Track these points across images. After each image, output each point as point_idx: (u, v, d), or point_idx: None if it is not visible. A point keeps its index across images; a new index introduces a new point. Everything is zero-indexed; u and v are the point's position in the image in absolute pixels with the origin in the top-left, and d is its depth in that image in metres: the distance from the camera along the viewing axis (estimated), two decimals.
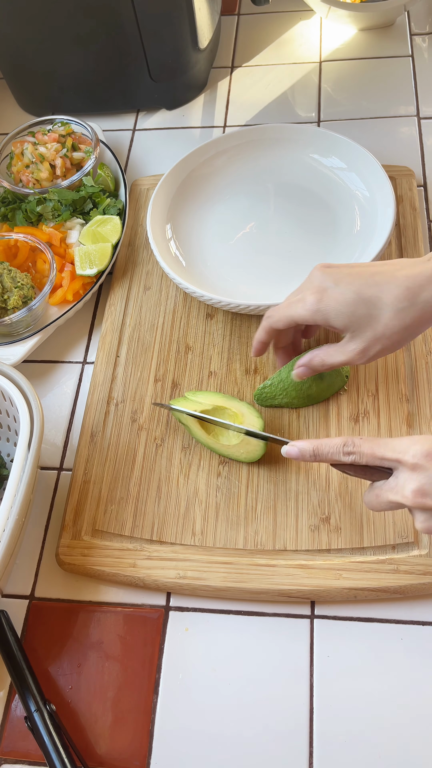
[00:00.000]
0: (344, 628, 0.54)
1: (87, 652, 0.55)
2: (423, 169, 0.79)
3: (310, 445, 0.50)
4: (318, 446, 0.49)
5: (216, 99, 0.91)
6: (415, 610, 0.54)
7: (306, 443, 0.50)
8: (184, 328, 0.70)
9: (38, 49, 0.83)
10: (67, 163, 0.80)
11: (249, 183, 0.78)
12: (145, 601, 0.57)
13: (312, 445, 0.50)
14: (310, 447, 0.50)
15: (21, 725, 0.53)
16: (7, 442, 0.63)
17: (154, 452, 0.62)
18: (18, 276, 0.70)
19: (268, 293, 0.69)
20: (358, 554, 0.55)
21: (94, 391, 0.67)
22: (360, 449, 0.47)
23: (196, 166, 0.78)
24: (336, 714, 0.51)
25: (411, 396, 0.62)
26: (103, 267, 0.72)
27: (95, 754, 0.52)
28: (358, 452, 0.47)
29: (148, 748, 0.51)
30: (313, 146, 0.77)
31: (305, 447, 0.50)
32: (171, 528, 0.58)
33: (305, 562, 0.55)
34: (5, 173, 0.83)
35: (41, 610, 0.58)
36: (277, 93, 0.90)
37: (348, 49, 0.93)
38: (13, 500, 0.50)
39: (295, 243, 0.73)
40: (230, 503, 0.59)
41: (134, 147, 0.89)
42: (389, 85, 0.88)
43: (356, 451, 0.47)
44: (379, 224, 0.69)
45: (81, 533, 0.59)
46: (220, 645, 0.54)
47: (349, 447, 0.48)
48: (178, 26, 0.81)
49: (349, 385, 0.63)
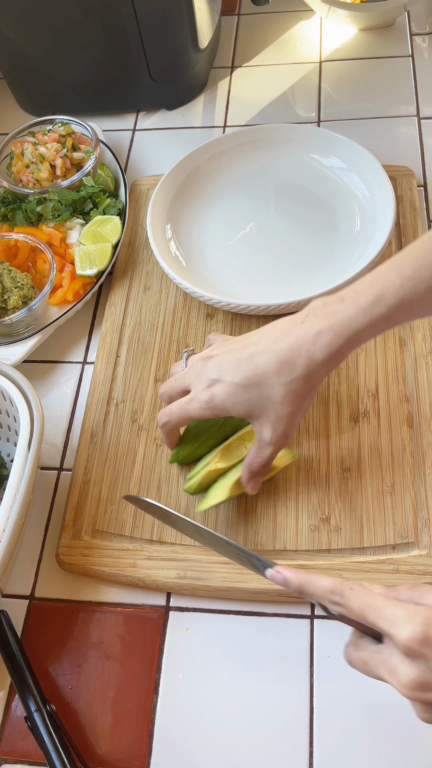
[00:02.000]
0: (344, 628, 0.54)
1: (87, 652, 0.55)
2: (423, 169, 0.79)
3: (296, 579, 0.43)
4: (303, 584, 0.43)
5: (216, 99, 0.91)
6: None
7: (293, 574, 0.43)
8: (184, 328, 0.70)
9: (38, 49, 0.83)
10: (67, 163, 0.80)
11: (249, 183, 0.78)
12: (145, 601, 0.57)
13: (298, 579, 0.43)
14: (296, 581, 0.43)
15: (21, 725, 0.53)
16: (7, 442, 0.63)
17: (154, 452, 0.62)
18: (18, 276, 0.70)
19: (268, 293, 0.69)
20: (358, 554, 0.55)
21: (94, 391, 0.67)
22: (349, 603, 0.41)
23: (196, 166, 0.78)
24: (336, 714, 0.51)
25: (411, 396, 0.62)
26: (103, 267, 0.72)
27: (95, 754, 0.52)
28: (347, 606, 0.41)
29: (148, 748, 0.51)
30: (313, 146, 0.77)
31: (291, 578, 0.43)
32: (171, 528, 0.58)
33: (305, 562, 0.55)
34: (5, 173, 0.83)
35: (41, 610, 0.58)
36: (277, 93, 0.90)
37: (348, 49, 0.93)
38: (13, 500, 0.50)
39: (295, 243, 0.73)
40: (230, 503, 0.59)
41: (134, 147, 0.89)
42: (389, 85, 0.88)
43: (344, 604, 0.41)
44: (379, 224, 0.69)
45: (81, 533, 0.59)
46: (220, 645, 0.54)
47: (336, 597, 0.41)
48: (178, 26, 0.81)
49: (349, 385, 0.63)
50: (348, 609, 0.41)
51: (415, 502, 0.57)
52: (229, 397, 0.50)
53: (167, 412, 0.55)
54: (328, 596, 0.41)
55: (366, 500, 0.57)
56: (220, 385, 0.51)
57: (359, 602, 0.40)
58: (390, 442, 0.60)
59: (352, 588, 0.41)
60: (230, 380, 0.50)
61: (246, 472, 0.55)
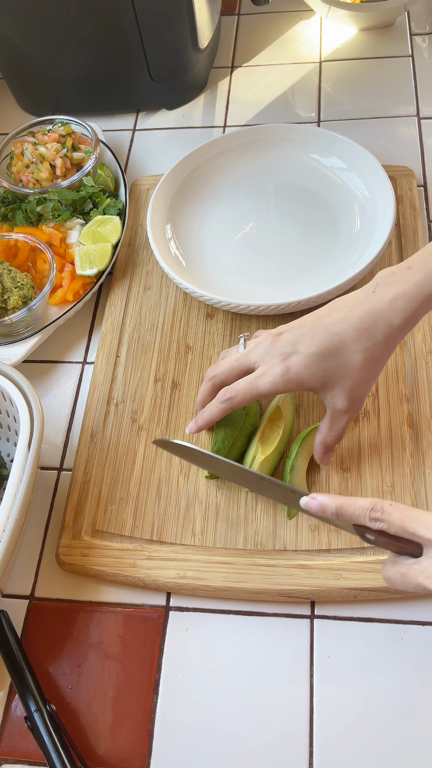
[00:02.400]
0: (344, 628, 0.54)
1: (87, 652, 0.55)
2: (423, 169, 0.79)
3: (333, 502, 0.44)
4: (342, 505, 0.44)
5: (216, 99, 0.91)
6: (415, 610, 0.54)
7: (329, 499, 0.45)
8: (184, 328, 0.70)
9: (38, 49, 0.83)
10: (67, 163, 0.80)
11: (249, 183, 0.78)
12: (145, 601, 0.57)
13: (335, 502, 0.44)
14: (333, 504, 0.44)
15: (21, 725, 0.53)
16: (7, 442, 0.63)
17: (154, 452, 0.62)
18: (18, 276, 0.70)
19: (268, 293, 0.69)
20: (358, 554, 0.55)
21: (94, 391, 0.67)
22: (389, 518, 0.42)
23: (196, 166, 0.78)
24: (336, 714, 0.51)
25: (411, 396, 0.62)
26: (103, 267, 0.72)
27: (95, 754, 0.52)
28: (387, 521, 0.42)
29: (148, 748, 0.51)
30: (313, 146, 0.77)
31: (327, 503, 0.45)
32: (171, 528, 0.58)
33: (305, 562, 0.55)
34: (5, 173, 0.83)
35: (41, 610, 0.58)
36: (277, 93, 0.90)
37: (348, 49, 0.93)
38: (13, 500, 0.50)
39: (295, 243, 0.73)
40: (230, 503, 0.59)
41: (134, 147, 0.89)
42: (389, 85, 0.88)
43: (385, 519, 0.43)
44: (379, 224, 0.69)
45: (81, 533, 0.59)
46: (220, 645, 0.54)
47: (377, 513, 0.43)
48: (178, 26, 0.81)
49: None
50: (389, 522, 0.42)
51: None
52: (305, 368, 0.51)
53: (233, 389, 0.54)
54: (368, 513, 0.43)
55: None
56: (295, 356, 0.51)
57: (399, 515, 0.42)
58: (390, 442, 0.60)
59: (392, 504, 0.43)
60: (306, 351, 0.50)
61: (321, 448, 0.55)
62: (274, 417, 0.60)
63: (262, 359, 0.53)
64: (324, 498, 0.45)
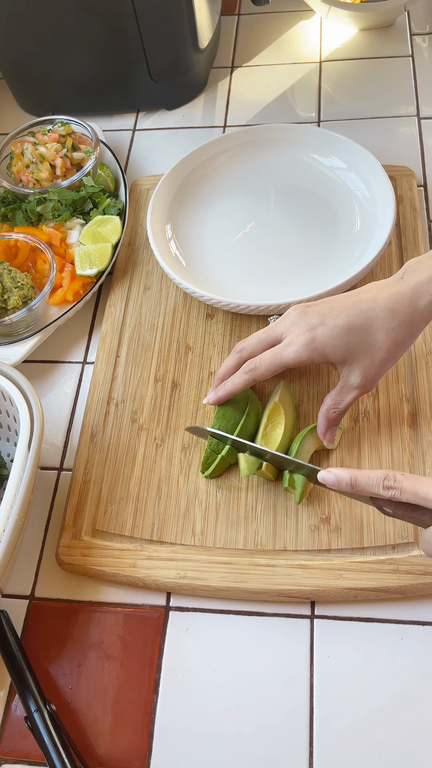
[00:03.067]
0: (344, 628, 0.54)
1: (87, 652, 0.55)
2: (423, 169, 0.79)
3: (347, 474, 0.48)
4: (356, 476, 0.47)
5: (216, 99, 0.91)
6: (415, 610, 0.54)
7: (344, 471, 0.48)
8: (184, 328, 0.70)
9: (38, 49, 0.83)
10: (67, 163, 0.80)
11: (249, 183, 0.78)
12: (145, 601, 0.57)
13: (350, 474, 0.48)
14: (348, 476, 0.48)
15: (21, 725, 0.53)
16: (7, 442, 0.63)
17: (154, 452, 0.62)
18: (18, 276, 0.70)
19: (268, 293, 0.69)
20: (358, 554, 0.55)
21: (94, 391, 0.67)
22: (401, 485, 0.46)
23: (196, 166, 0.78)
24: (336, 714, 0.51)
25: (411, 396, 0.62)
26: (103, 267, 0.72)
27: (95, 754, 0.52)
28: (399, 488, 0.46)
29: (148, 748, 0.51)
30: (313, 146, 0.77)
31: (342, 475, 0.48)
32: (171, 528, 0.58)
33: (305, 562, 0.55)
34: (5, 173, 0.83)
35: (41, 610, 0.58)
36: (277, 93, 0.90)
37: (348, 49, 0.93)
38: (13, 500, 0.50)
39: (295, 243, 0.73)
40: (230, 503, 0.59)
41: (134, 147, 0.89)
42: (389, 85, 0.88)
43: (396, 486, 0.46)
44: (379, 224, 0.69)
45: (81, 533, 0.59)
46: (220, 645, 0.54)
47: (389, 481, 0.46)
48: (178, 26, 0.81)
49: None
50: (401, 490, 0.45)
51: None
52: (330, 339, 0.52)
53: (257, 359, 0.55)
54: (382, 483, 0.46)
55: None
56: (322, 327, 0.52)
57: (411, 482, 0.45)
58: (390, 442, 0.60)
59: (403, 474, 0.46)
60: (333, 323, 0.52)
61: (323, 421, 0.57)
62: (274, 416, 0.60)
63: (289, 330, 0.54)
64: (339, 471, 0.48)
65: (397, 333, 0.52)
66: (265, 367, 0.55)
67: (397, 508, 0.47)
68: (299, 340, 0.53)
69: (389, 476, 0.46)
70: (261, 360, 0.55)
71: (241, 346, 0.58)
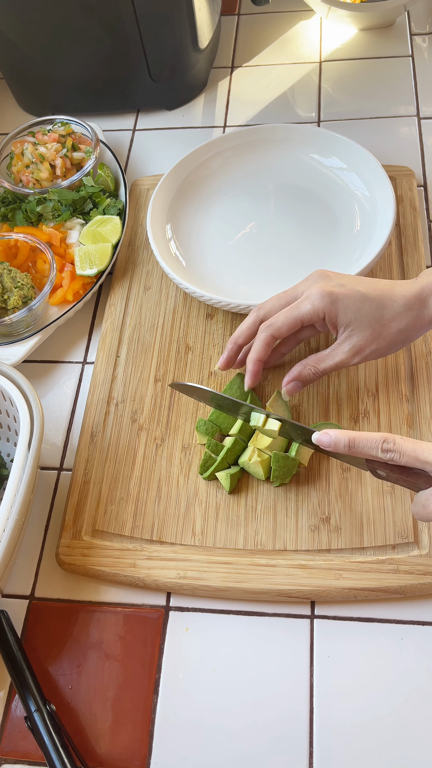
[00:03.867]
0: (344, 628, 0.54)
1: (87, 652, 0.55)
2: (423, 169, 0.79)
3: (345, 436, 0.47)
4: (354, 438, 0.47)
5: (216, 99, 0.91)
6: (415, 610, 0.54)
7: (341, 433, 0.47)
8: (184, 328, 0.70)
9: (38, 49, 0.83)
10: (67, 163, 0.80)
11: (249, 183, 0.78)
12: (145, 601, 0.57)
13: (347, 436, 0.47)
14: (345, 438, 0.47)
15: (21, 725, 0.53)
16: (7, 442, 0.63)
17: (154, 452, 0.62)
18: (18, 276, 0.70)
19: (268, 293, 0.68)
20: (358, 554, 0.55)
21: (94, 391, 0.67)
22: (401, 448, 0.45)
23: (196, 166, 0.78)
24: (336, 714, 0.51)
25: (411, 396, 0.62)
26: (103, 267, 0.72)
27: (95, 754, 0.52)
28: (398, 451, 0.45)
29: (148, 748, 0.51)
30: (313, 146, 0.77)
31: (340, 437, 0.47)
32: (171, 528, 0.58)
33: (305, 562, 0.55)
34: (5, 173, 0.83)
35: (41, 610, 0.58)
36: (277, 93, 0.90)
37: (348, 49, 0.93)
38: (13, 500, 0.50)
39: (295, 243, 0.73)
40: (230, 503, 0.59)
41: (134, 147, 0.89)
42: (389, 85, 0.88)
43: (396, 449, 0.45)
44: (379, 224, 0.69)
45: (81, 533, 0.59)
46: (220, 645, 0.54)
47: (389, 444, 0.45)
48: (178, 26, 0.81)
49: (349, 385, 0.63)
50: (400, 453, 0.45)
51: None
52: (345, 298, 0.53)
53: (274, 317, 0.56)
54: (381, 445, 0.46)
55: (366, 500, 0.57)
56: (340, 288, 0.54)
57: (411, 445, 0.45)
58: None
59: (403, 437, 0.46)
60: (352, 287, 0.54)
61: (295, 372, 0.58)
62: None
63: (309, 287, 0.56)
64: (336, 432, 0.48)
65: (404, 319, 0.54)
66: (281, 320, 0.56)
67: (392, 471, 0.47)
68: (317, 293, 0.54)
69: (388, 439, 0.46)
70: (278, 315, 0.56)
71: (264, 306, 0.59)
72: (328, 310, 0.54)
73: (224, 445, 0.60)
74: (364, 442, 0.46)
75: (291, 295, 0.57)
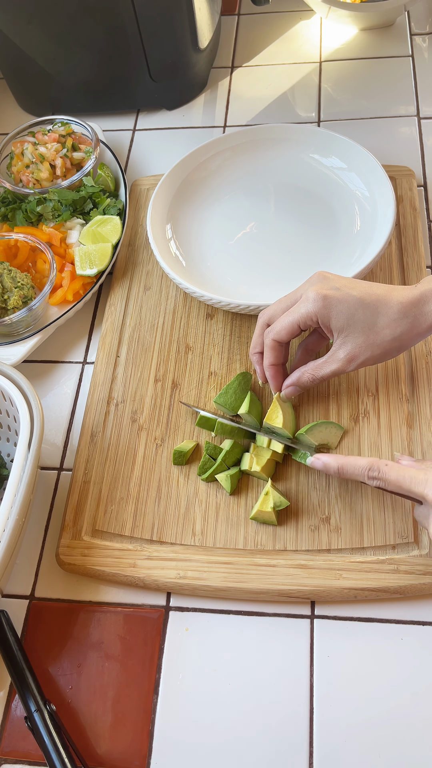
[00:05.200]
0: (344, 628, 0.54)
1: (87, 652, 0.55)
2: (423, 169, 0.79)
3: (335, 462, 0.51)
4: (343, 465, 0.51)
5: (216, 99, 0.91)
6: (415, 610, 0.54)
7: (331, 458, 0.51)
8: (184, 328, 0.70)
9: (38, 49, 0.83)
10: (67, 163, 0.80)
11: (249, 183, 0.78)
12: (145, 601, 0.57)
13: (337, 462, 0.51)
14: (335, 464, 0.51)
15: (21, 725, 0.53)
16: (7, 442, 0.63)
17: (154, 452, 0.62)
18: (18, 276, 0.70)
19: (268, 293, 0.69)
20: (358, 554, 0.55)
21: (94, 391, 0.67)
22: (386, 476, 0.48)
23: (196, 166, 0.78)
24: (336, 714, 0.51)
25: (411, 396, 0.62)
26: (103, 267, 0.72)
27: (95, 754, 0.52)
28: (383, 479, 0.48)
29: (148, 748, 0.51)
30: (313, 146, 0.77)
31: (330, 462, 0.51)
32: (171, 528, 0.58)
33: (305, 562, 0.55)
34: (5, 173, 0.83)
35: (41, 610, 0.58)
36: (277, 93, 0.90)
37: (348, 49, 0.93)
38: (13, 500, 0.50)
39: (295, 243, 0.73)
40: (230, 503, 0.59)
41: (134, 147, 0.89)
42: (389, 85, 0.88)
43: (380, 477, 0.48)
44: (379, 224, 0.69)
45: (81, 533, 0.59)
46: (220, 645, 0.54)
47: (374, 472, 0.49)
48: (178, 26, 0.81)
49: (349, 385, 0.63)
50: (385, 482, 0.48)
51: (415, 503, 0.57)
52: (338, 303, 0.54)
53: (274, 323, 0.57)
54: (366, 473, 0.49)
55: (366, 500, 0.57)
56: (336, 291, 0.54)
57: (395, 475, 0.48)
58: (390, 442, 0.60)
59: (387, 464, 0.49)
60: (348, 292, 0.54)
61: (293, 378, 0.58)
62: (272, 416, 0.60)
63: (306, 290, 0.56)
64: (327, 458, 0.52)
65: (399, 327, 0.53)
66: (280, 325, 0.57)
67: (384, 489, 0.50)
68: (311, 296, 0.55)
69: (373, 467, 0.49)
70: (278, 320, 0.57)
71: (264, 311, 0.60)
72: (320, 313, 0.54)
73: (222, 447, 0.60)
74: (352, 468, 0.50)
75: (292, 299, 0.57)
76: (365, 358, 0.55)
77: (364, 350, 0.54)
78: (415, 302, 0.53)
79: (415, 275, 0.69)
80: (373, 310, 0.53)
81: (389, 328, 0.53)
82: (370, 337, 0.54)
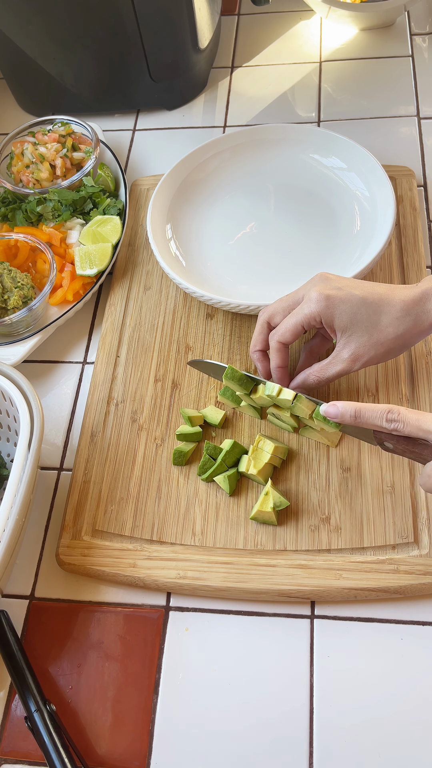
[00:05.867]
0: (344, 628, 0.54)
1: (87, 652, 0.55)
2: (423, 169, 0.79)
3: (351, 407, 0.49)
4: (360, 409, 0.49)
5: (216, 99, 0.91)
6: (415, 610, 0.54)
7: (347, 404, 0.50)
8: (184, 328, 0.70)
9: (38, 49, 0.83)
10: (67, 163, 0.80)
11: (249, 183, 0.78)
12: (145, 601, 0.57)
13: (354, 407, 0.49)
14: (352, 409, 0.49)
15: (21, 725, 0.53)
16: (7, 442, 0.63)
17: (154, 452, 0.62)
18: (18, 276, 0.70)
19: (268, 293, 0.69)
20: (358, 554, 0.55)
21: (94, 391, 0.67)
22: (404, 418, 0.47)
23: (196, 166, 0.78)
24: (336, 714, 0.51)
25: (411, 396, 0.62)
26: (103, 267, 0.72)
27: (95, 754, 0.52)
28: (402, 421, 0.47)
29: (148, 748, 0.51)
30: (313, 146, 0.77)
31: (346, 408, 0.50)
32: (171, 528, 0.58)
33: (305, 562, 0.55)
34: (5, 173, 0.83)
35: (41, 610, 0.58)
36: (277, 93, 0.90)
37: (348, 49, 0.93)
38: (13, 500, 0.50)
39: (295, 243, 0.73)
40: (230, 503, 0.59)
41: (134, 147, 0.89)
42: (389, 85, 0.88)
43: (400, 419, 0.47)
44: (379, 224, 0.69)
45: (81, 533, 0.59)
46: (220, 645, 0.54)
47: (393, 414, 0.48)
48: (178, 26, 0.81)
49: (349, 385, 0.63)
50: (404, 423, 0.47)
51: (415, 503, 0.57)
52: (341, 303, 0.54)
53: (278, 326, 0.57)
54: (385, 416, 0.48)
55: (366, 500, 0.57)
56: (339, 291, 0.55)
57: (414, 415, 0.47)
58: None
59: (407, 408, 0.48)
60: (350, 291, 0.54)
61: (300, 380, 0.59)
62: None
63: (308, 291, 0.56)
64: (343, 404, 0.50)
65: (401, 325, 0.54)
66: (284, 327, 0.57)
67: (398, 442, 0.49)
68: (314, 296, 0.55)
69: (393, 409, 0.48)
70: (283, 322, 0.57)
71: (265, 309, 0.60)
72: (323, 313, 0.54)
73: (222, 448, 0.60)
74: (369, 412, 0.49)
75: (293, 299, 0.58)
76: (369, 357, 0.55)
77: (368, 349, 0.55)
78: (417, 300, 0.53)
79: (415, 275, 0.69)
80: (376, 309, 0.54)
81: (392, 326, 0.54)
82: (374, 335, 0.54)
